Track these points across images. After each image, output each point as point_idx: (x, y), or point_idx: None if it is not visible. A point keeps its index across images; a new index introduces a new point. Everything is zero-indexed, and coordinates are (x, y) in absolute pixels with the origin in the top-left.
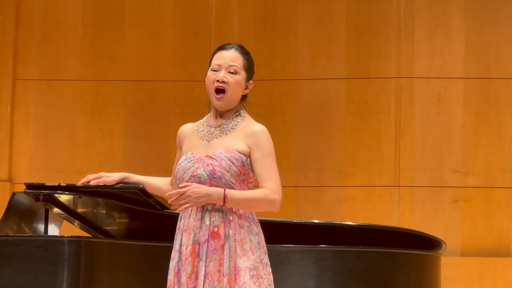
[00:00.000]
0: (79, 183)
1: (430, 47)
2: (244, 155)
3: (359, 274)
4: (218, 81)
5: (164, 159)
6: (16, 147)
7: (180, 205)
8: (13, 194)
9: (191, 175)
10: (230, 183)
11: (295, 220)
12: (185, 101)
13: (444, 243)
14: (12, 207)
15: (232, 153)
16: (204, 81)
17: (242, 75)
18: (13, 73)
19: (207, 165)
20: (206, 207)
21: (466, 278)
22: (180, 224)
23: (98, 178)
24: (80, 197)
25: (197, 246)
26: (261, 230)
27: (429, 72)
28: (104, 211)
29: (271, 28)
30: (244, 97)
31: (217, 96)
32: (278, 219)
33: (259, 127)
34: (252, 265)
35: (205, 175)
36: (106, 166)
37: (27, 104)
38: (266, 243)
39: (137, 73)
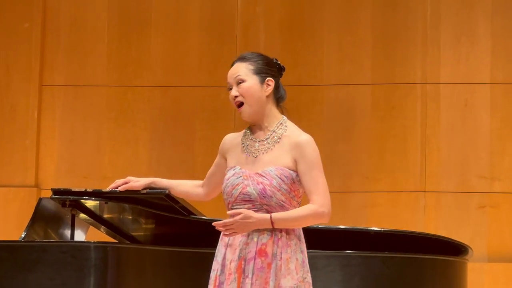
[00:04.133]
0: (107, 189)
1: (456, 53)
2: (293, 171)
3: (385, 280)
4: (233, 98)
5: (190, 165)
6: (43, 153)
7: (227, 233)
8: (40, 199)
9: (240, 192)
10: (281, 202)
11: (321, 225)
12: (211, 107)
13: (471, 249)
14: (39, 213)
15: (282, 170)
16: None
17: (252, 79)
18: (40, 79)
19: (257, 184)
20: None
21: (493, 284)
22: (225, 237)
23: (126, 183)
24: (106, 203)
25: (243, 262)
26: (305, 248)
27: (455, 78)
28: (130, 217)
29: (297, 35)
30: (278, 98)
31: (238, 110)
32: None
33: (303, 138)
34: (295, 284)
35: (255, 193)
36: (132, 173)
37: (53, 110)
38: None
39: (163, 79)
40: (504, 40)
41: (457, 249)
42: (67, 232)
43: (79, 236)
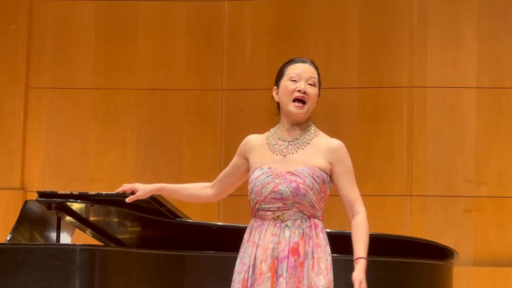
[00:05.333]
0: (115, 191)
1: (443, 56)
2: (325, 173)
3: (371, 284)
4: (299, 91)
5: (176, 167)
6: (29, 155)
7: None
8: (26, 202)
9: (271, 191)
10: (313, 201)
11: None
12: (197, 110)
13: (456, 252)
14: (25, 215)
15: (314, 170)
16: (217, 89)
17: (317, 88)
18: (26, 82)
19: (290, 182)
20: (286, 223)
21: None
22: (254, 238)
23: (134, 189)
24: (92, 206)
25: (276, 261)
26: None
27: (441, 82)
28: (116, 220)
29: (284, 38)
30: None
31: (297, 105)
32: None
33: (338, 142)
34: (326, 285)
35: (288, 191)
36: (118, 175)
37: (39, 113)
38: None
39: (150, 82)
40: (490, 44)
41: (443, 253)
42: (53, 235)
43: (65, 238)
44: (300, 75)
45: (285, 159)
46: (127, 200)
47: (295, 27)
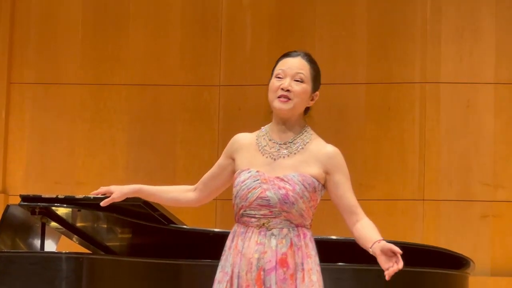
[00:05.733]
0: (90, 195)
1: (458, 49)
2: (317, 180)
3: None
4: (282, 89)
5: (170, 170)
6: (11, 156)
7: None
8: (7, 206)
9: (258, 196)
10: (302, 210)
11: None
12: (193, 108)
13: (472, 261)
14: (6, 221)
15: (305, 177)
16: (214, 85)
17: (309, 85)
18: (8, 77)
19: (279, 188)
20: (272, 231)
21: None
22: (237, 246)
23: (108, 191)
24: (79, 211)
25: (262, 272)
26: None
27: (456, 77)
28: (105, 226)
29: (287, 29)
30: (306, 110)
31: (281, 100)
32: None
33: (334, 148)
34: None
35: (275, 198)
36: (108, 178)
37: (22, 110)
38: None
39: (142, 77)
40: (509, 36)
41: (457, 262)
42: (37, 242)
43: (50, 246)
44: (285, 72)
45: (275, 163)
46: (102, 203)
47: (299, 18)
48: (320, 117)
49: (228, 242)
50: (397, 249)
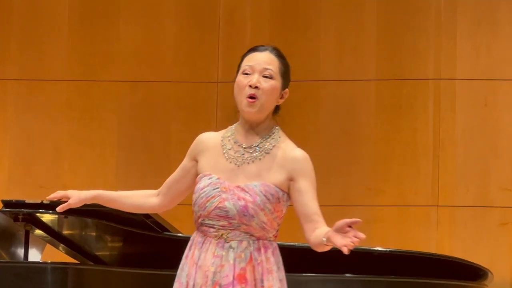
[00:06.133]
0: (47, 199)
1: (475, 43)
2: (281, 190)
3: None
4: (250, 86)
5: (164, 172)
6: None
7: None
8: None
9: (216, 206)
10: (263, 223)
11: None
12: (189, 106)
13: (490, 272)
14: None
15: (268, 187)
16: (212, 82)
17: (278, 81)
18: None
19: (238, 199)
20: (230, 244)
21: None
22: (193, 256)
23: (65, 196)
24: (66, 217)
25: (218, 287)
26: (284, 277)
27: (473, 73)
28: (94, 233)
29: (290, 22)
30: (276, 109)
31: (250, 101)
32: (296, 244)
33: (302, 153)
34: None
35: (234, 210)
36: (97, 181)
37: (5, 108)
38: (285, 271)
39: (133, 73)
40: None
41: (474, 273)
42: (20, 251)
43: (34, 255)
44: (253, 67)
45: (239, 169)
46: (58, 209)
47: (302, 9)
48: (326, 117)
49: (186, 251)
50: (354, 219)
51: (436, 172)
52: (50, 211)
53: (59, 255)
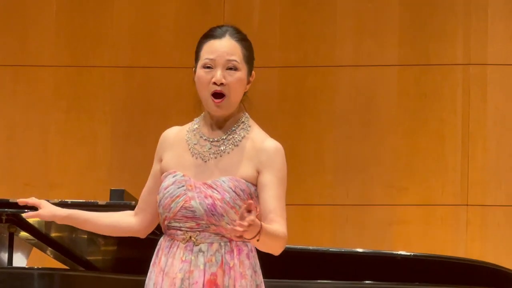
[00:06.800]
0: (19, 201)
1: (508, 25)
2: (253, 185)
3: None
4: (215, 83)
5: None
6: None
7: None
8: None
9: (182, 206)
10: (233, 223)
11: (332, 248)
12: (190, 94)
13: None
14: None
15: (237, 182)
16: None
17: (243, 69)
18: None
19: (206, 197)
20: (199, 247)
21: None
22: (160, 262)
23: (38, 205)
24: None
25: None
26: (262, 281)
27: (506, 58)
28: (86, 236)
29: (302, 1)
30: (244, 95)
31: (216, 101)
32: (311, 248)
33: (273, 143)
34: None
35: (201, 209)
36: (87, 178)
37: None
38: (296, 277)
39: (128, 58)
40: None
41: (508, 279)
42: (3, 256)
43: (19, 260)
44: (215, 61)
45: (206, 165)
46: (24, 215)
47: None
48: (344, 107)
49: (153, 257)
50: (248, 202)
51: (465, 168)
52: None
53: (46, 260)
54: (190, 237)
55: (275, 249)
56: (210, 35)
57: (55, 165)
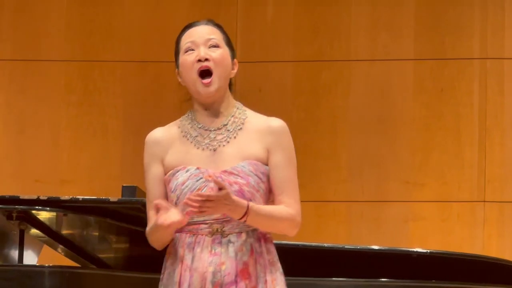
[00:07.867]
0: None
1: None
2: (266, 165)
3: None
4: (200, 60)
5: None
6: None
7: (196, 210)
8: None
9: None
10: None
11: (348, 246)
12: None
13: None
14: None
15: (256, 165)
16: None
17: (226, 49)
18: None
19: (230, 184)
20: (228, 238)
21: None
22: (183, 259)
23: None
24: (65, 215)
25: None
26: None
27: None
28: (97, 233)
29: None
30: (230, 85)
31: (204, 81)
32: (325, 245)
33: (277, 122)
34: None
35: None
36: (99, 174)
37: None
38: (311, 274)
39: (140, 53)
40: None
41: None
42: (14, 253)
43: (30, 258)
44: (195, 42)
45: (216, 154)
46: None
47: None
48: (359, 101)
49: (168, 257)
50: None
51: (482, 164)
52: (48, 208)
53: (57, 257)
54: (217, 229)
55: (281, 229)
56: (187, 27)
57: (66, 161)
